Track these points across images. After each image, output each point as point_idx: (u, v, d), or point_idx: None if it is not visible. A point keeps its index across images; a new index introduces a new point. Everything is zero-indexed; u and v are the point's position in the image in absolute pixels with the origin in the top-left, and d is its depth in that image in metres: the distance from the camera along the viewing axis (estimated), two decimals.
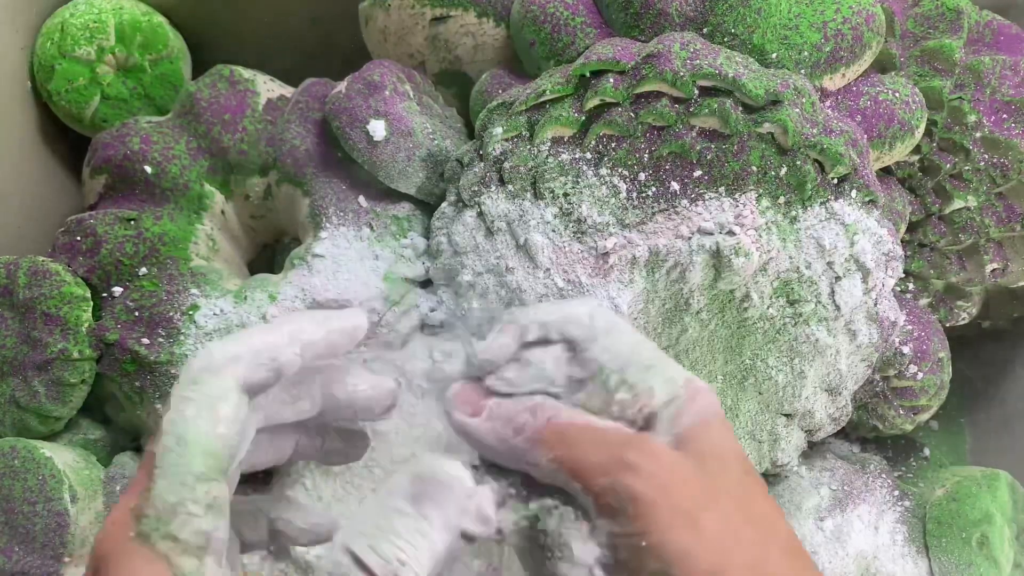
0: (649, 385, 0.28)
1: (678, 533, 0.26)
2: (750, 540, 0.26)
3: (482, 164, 0.44)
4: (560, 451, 0.27)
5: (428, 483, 0.29)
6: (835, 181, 0.42)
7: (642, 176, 0.42)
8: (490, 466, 0.30)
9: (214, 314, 0.45)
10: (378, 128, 0.45)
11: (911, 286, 0.51)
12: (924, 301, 0.51)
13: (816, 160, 0.41)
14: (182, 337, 0.45)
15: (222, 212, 0.50)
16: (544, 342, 0.30)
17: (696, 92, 0.41)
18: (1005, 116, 0.47)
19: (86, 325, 0.46)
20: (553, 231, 0.42)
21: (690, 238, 0.41)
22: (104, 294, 0.47)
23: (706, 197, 0.42)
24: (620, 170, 0.42)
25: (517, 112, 0.43)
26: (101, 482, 0.46)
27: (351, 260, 0.46)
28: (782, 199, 0.42)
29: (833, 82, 0.44)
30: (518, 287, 0.43)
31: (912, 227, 0.49)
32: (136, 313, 0.46)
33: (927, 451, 0.58)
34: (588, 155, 0.42)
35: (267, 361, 0.28)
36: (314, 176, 0.48)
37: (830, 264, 0.42)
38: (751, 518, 0.27)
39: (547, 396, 0.29)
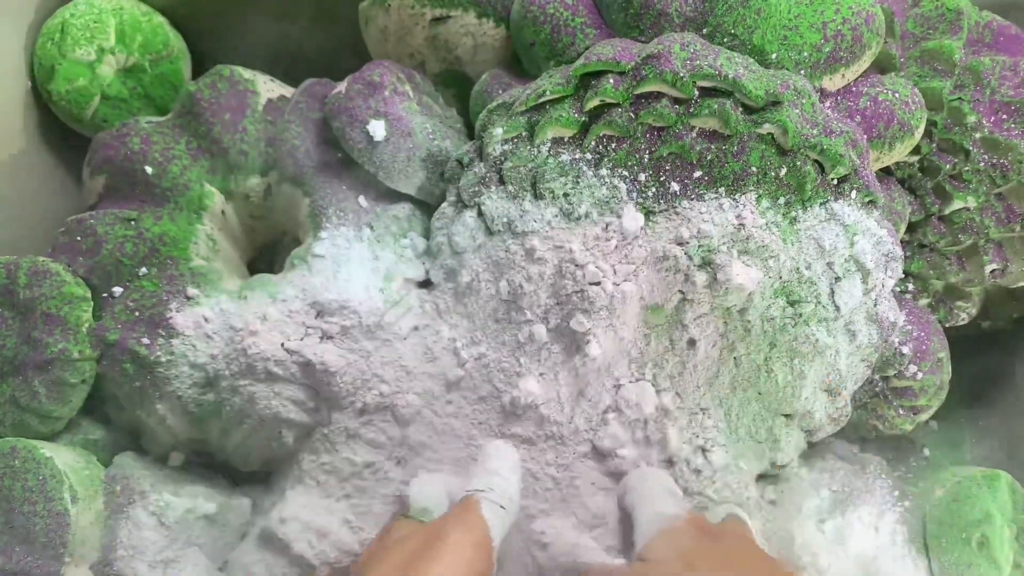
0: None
1: None
2: None
3: (482, 164, 0.44)
4: None
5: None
6: (835, 182, 0.42)
7: (642, 177, 0.42)
8: None
9: (215, 314, 0.45)
10: (378, 128, 0.45)
11: (911, 286, 0.51)
12: (924, 301, 0.51)
13: (816, 161, 0.41)
14: (182, 337, 0.45)
15: (222, 212, 0.50)
16: None
17: (696, 93, 0.41)
18: (1005, 117, 0.47)
19: (86, 325, 0.46)
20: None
21: (690, 240, 0.41)
22: (104, 294, 0.47)
23: (706, 198, 0.42)
24: (620, 171, 0.42)
25: (517, 113, 0.43)
26: (101, 482, 0.46)
27: (351, 260, 0.46)
28: (782, 200, 0.42)
29: (833, 82, 0.44)
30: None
31: (912, 227, 0.49)
32: (136, 313, 0.46)
33: (927, 451, 0.58)
34: (588, 156, 0.42)
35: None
36: (314, 176, 0.48)
37: (830, 264, 0.42)
38: None
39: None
